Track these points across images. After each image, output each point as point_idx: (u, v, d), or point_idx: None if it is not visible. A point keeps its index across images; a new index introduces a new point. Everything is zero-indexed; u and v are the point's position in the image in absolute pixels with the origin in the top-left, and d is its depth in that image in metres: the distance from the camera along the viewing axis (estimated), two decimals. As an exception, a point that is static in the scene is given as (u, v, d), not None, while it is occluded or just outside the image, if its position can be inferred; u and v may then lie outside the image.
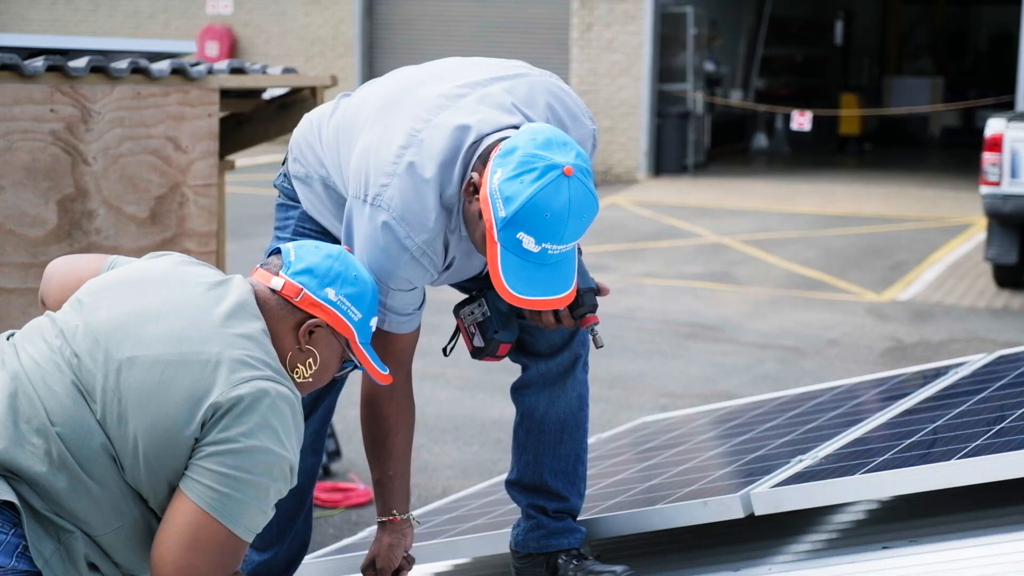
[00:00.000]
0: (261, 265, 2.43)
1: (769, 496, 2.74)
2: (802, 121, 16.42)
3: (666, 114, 18.04)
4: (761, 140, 21.10)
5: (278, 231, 2.92)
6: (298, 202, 2.88)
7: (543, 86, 2.71)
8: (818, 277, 11.54)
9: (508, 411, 7.51)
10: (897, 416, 3.31)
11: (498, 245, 2.44)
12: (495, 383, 7.88)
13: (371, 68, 19.49)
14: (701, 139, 18.89)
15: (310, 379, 2.39)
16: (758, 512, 2.76)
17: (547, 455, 2.89)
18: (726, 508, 2.76)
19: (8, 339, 2.33)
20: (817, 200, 16.00)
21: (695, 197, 16.22)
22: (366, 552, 3.33)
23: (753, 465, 3.10)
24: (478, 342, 2.81)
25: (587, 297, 2.70)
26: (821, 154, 20.63)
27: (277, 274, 2.38)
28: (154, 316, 2.25)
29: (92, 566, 2.22)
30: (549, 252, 2.44)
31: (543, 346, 2.85)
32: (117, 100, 4.35)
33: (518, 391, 2.92)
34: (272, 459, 2.18)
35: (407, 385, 2.78)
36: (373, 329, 2.46)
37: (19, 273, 4.16)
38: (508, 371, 7.84)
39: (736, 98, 20.33)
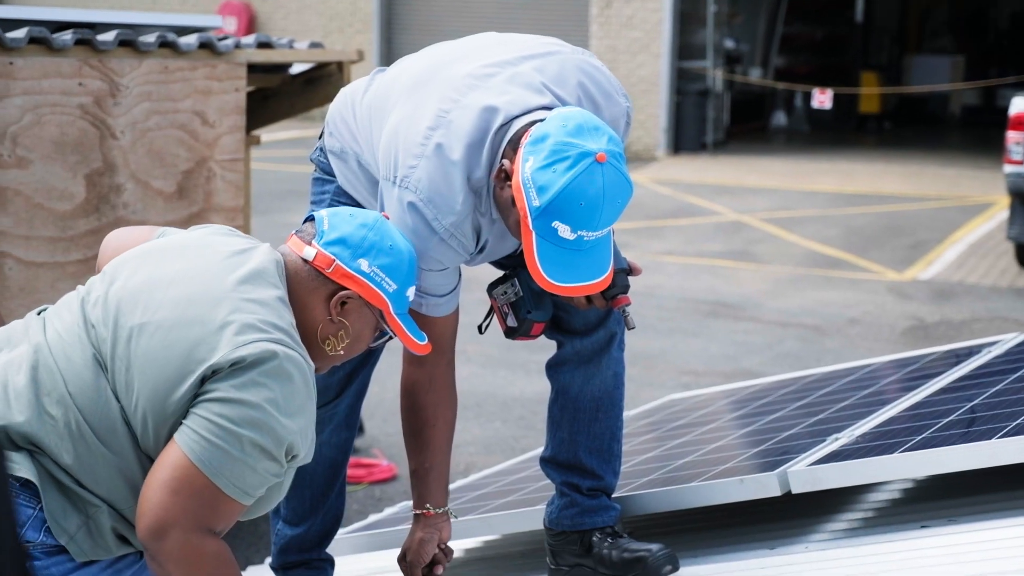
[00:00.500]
0: (296, 232, 2.40)
1: (807, 474, 2.73)
2: (823, 99, 16.34)
3: (685, 92, 17.97)
4: (780, 118, 21.01)
5: (314, 205, 2.90)
6: (334, 176, 2.86)
7: (574, 64, 2.67)
8: (838, 256, 11.50)
9: (529, 388, 7.50)
10: (931, 395, 3.29)
11: (533, 234, 2.41)
12: (516, 360, 7.87)
13: (389, 44, 19.45)
14: (720, 117, 18.81)
15: (342, 351, 2.36)
16: (795, 490, 2.74)
17: (582, 433, 2.87)
18: (763, 486, 2.75)
19: (39, 314, 2.33)
20: (837, 178, 15.93)
21: (714, 175, 16.16)
22: (393, 529, 3.33)
23: (787, 443, 3.08)
24: (511, 322, 2.78)
25: (619, 278, 2.68)
26: (840, 132, 20.54)
27: (310, 243, 2.35)
28: (167, 282, 2.23)
29: (121, 538, 2.21)
30: (585, 239, 2.41)
31: (578, 324, 2.83)
32: (145, 74, 4.34)
33: (553, 368, 2.90)
34: (262, 416, 2.11)
35: (448, 375, 2.74)
36: (411, 299, 2.42)
37: (47, 247, 4.16)
38: (529, 349, 7.81)
39: (756, 76, 20.24)
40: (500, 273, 2.85)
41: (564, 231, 2.39)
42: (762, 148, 18.91)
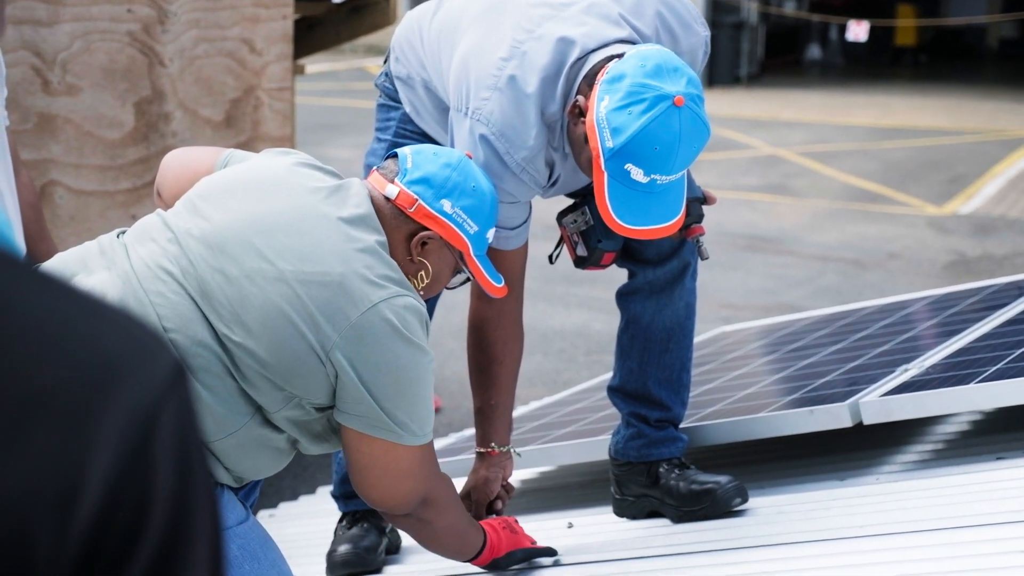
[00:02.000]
0: (377, 168, 2.36)
1: (879, 405, 2.69)
2: (859, 32, 16.13)
3: (720, 24, 17.75)
4: (815, 51, 20.78)
5: (379, 132, 2.84)
6: (399, 103, 2.80)
7: None
8: (877, 190, 11.39)
9: (569, 321, 7.47)
10: (1000, 326, 3.24)
11: (605, 174, 2.36)
12: (554, 294, 7.84)
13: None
14: (755, 50, 18.61)
15: (421, 292, 2.32)
16: (867, 421, 2.70)
17: (652, 364, 2.83)
18: (834, 417, 2.71)
19: (118, 237, 2.26)
20: (873, 112, 15.76)
21: (749, 108, 16.01)
22: (450, 459, 3.31)
23: (854, 374, 3.04)
24: (581, 251, 2.73)
25: (693, 207, 2.63)
26: (876, 66, 20.30)
27: (392, 181, 2.30)
28: (274, 228, 2.17)
29: None
30: (658, 182, 2.36)
31: (651, 253, 2.78)
32: (193, 1, 4.28)
33: (624, 297, 2.86)
34: (418, 371, 2.16)
35: (516, 311, 2.69)
36: (490, 241, 2.38)
37: (97, 175, 4.13)
38: (568, 280, 7.77)
39: (791, 8, 19.98)
40: (570, 202, 2.80)
41: (637, 174, 2.35)
42: (797, 81, 18.71)
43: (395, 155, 2.36)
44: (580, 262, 2.74)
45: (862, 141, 13.80)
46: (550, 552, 2.65)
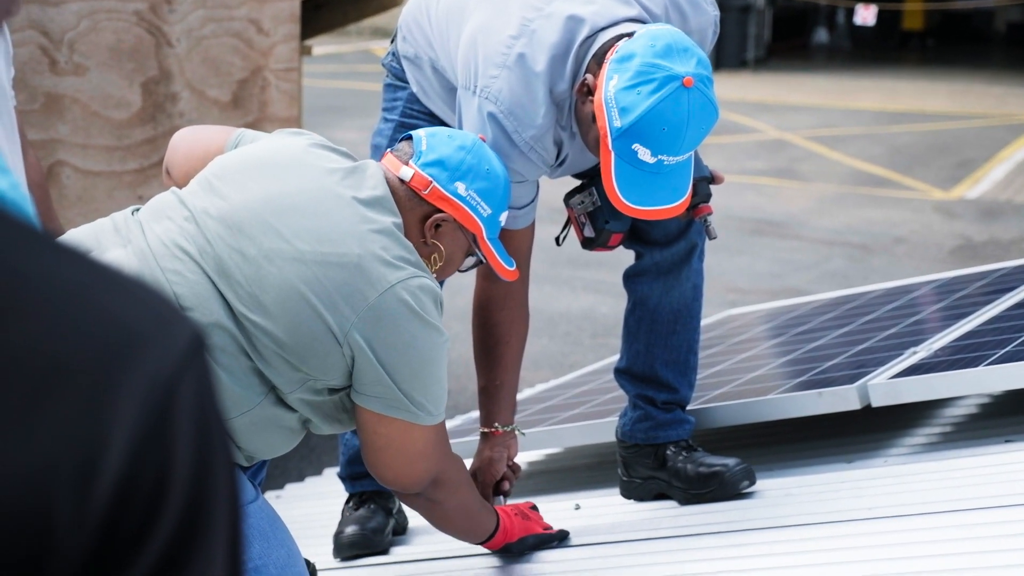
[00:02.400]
0: (392, 150, 2.35)
1: (887, 387, 2.68)
2: (866, 15, 16.09)
3: (727, 7, 17.66)
4: (822, 35, 20.71)
5: (386, 112, 2.83)
6: (406, 83, 2.79)
7: None
8: (883, 174, 11.36)
9: (575, 305, 7.47)
10: (1009, 309, 3.23)
11: (612, 154, 2.36)
12: (561, 277, 7.83)
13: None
14: (762, 33, 18.55)
15: (434, 273, 2.32)
16: (875, 404, 2.70)
17: (659, 345, 2.82)
18: (842, 399, 2.71)
19: (133, 214, 2.25)
20: (880, 96, 15.71)
21: (755, 92, 15.97)
22: (456, 441, 3.31)
23: (862, 357, 3.03)
24: (588, 232, 2.73)
25: (700, 187, 2.62)
26: (883, 50, 20.23)
27: (407, 163, 2.30)
28: (292, 208, 2.17)
29: None
30: (665, 163, 2.35)
31: (658, 234, 2.78)
32: (199, -20, 4.27)
33: (631, 279, 2.85)
34: (434, 351, 2.17)
35: (522, 292, 2.69)
36: (502, 224, 2.38)
37: (104, 156, 4.13)
38: (574, 264, 7.76)
39: (797, -9, 19.92)
40: (578, 183, 2.79)
41: (644, 154, 2.34)
42: (803, 65, 18.66)
43: (409, 137, 2.35)
44: (587, 243, 2.74)
45: (869, 125, 13.76)
46: (562, 536, 2.66)
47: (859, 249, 8.92)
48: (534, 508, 2.70)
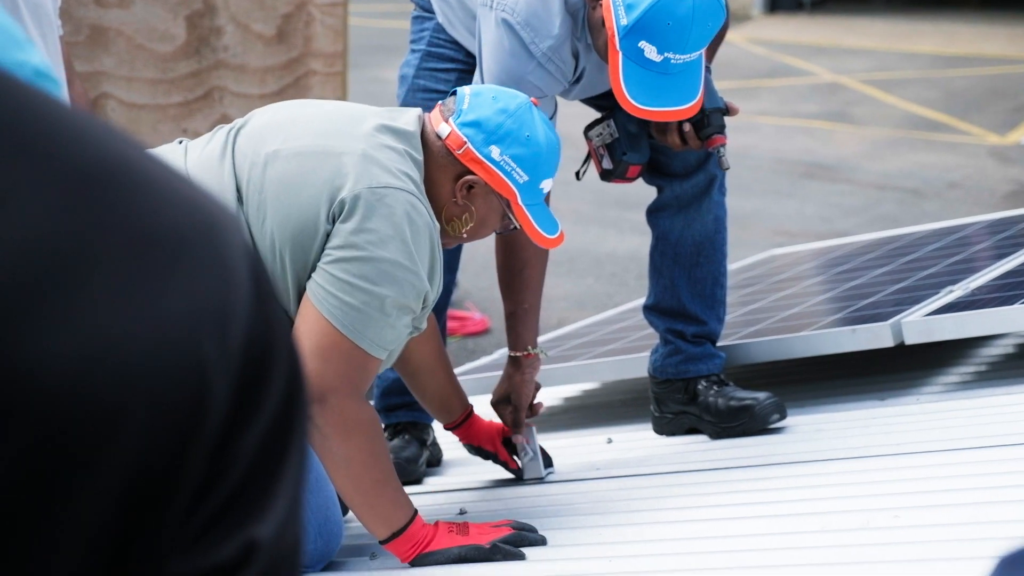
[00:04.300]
0: (441, 103, 2.34)
1: (921, 325, 2.67)
2: (926, -43, 15.79)
3: (783, -52, 17.47)
4: (880, -23, 20.37)
5: (413, 44, 2.86)
6: (433, 13, 2.81)
7: None
8: (938, 118, 11.21)
9: (622, 246, 7.45)
10: (1049, 250, 3.20)
11: (619, 54, 2.38)
12: (607, 217, 7.81)
13: None
14: (818, -25, 18.28)
15: (464, 234, 2.31)
16: (909, 341, 2.69)
17: (683, 279, 2.83)
18: (876, 336, 2.70)
19: (181, 143, 2.33)
20: (938, 39, 15.47)
21: (811, 35, 15.77)
22: (492, 374, 3.32)
23: (899, 295, 3.02)
24: (607, 164, 2.74)
25: (714, 117, 2.62)
26: (942, -7, 19.89)
27: (447, 120, 2.28)
28: (308, 117, 2.22)
29: None
30: (672, 62, 2.37)
31: (678, 167, 2.78)
32: (244, -86, 4.27)
33: (653, 213, 2.86)
34: (400, 273, 2.12)
35: None
36: (546, 191, 2.34)
37: (149, 88, 4.15)
38: (621, 205, 7.74)
39: (856, -68, 19.59)
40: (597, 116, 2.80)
41: (650, 52, 2.36)
42: (860, 8, 18.39)
43: (455, 93, 2.34)
44: (606, 175, 2.75)
45: (925, 69, 13.56)
46: (532, 530, 2.30)
47: (911, 194, 8.82)
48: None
